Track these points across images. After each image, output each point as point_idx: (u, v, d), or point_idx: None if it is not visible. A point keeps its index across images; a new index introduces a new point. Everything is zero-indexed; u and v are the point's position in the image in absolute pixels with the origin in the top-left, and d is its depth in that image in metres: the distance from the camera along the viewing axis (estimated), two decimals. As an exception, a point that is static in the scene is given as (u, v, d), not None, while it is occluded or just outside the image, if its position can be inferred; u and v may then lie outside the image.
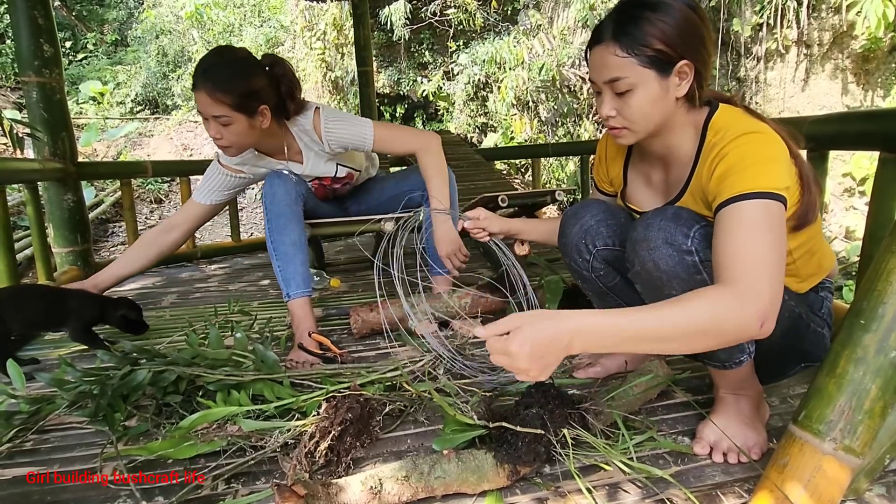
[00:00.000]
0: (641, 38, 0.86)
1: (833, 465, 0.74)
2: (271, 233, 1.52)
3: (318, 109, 1.55)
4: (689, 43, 0.88)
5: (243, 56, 1.44)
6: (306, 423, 1.00)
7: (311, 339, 1.44)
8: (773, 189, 0.79)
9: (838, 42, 5.20)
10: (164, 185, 6.55)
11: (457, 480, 0.85)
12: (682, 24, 0.87)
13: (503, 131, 6.75)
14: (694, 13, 0.88)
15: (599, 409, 0.99)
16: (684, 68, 0.88)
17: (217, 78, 1.35)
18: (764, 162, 0.82)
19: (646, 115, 0.91)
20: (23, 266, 4.03)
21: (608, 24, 0.90)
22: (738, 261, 0.76)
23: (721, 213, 0.81)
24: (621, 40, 0.87)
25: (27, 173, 2.09)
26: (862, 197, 4.83)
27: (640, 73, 0.88)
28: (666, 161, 1.01)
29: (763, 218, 0.78)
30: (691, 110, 0.94)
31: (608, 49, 0.89)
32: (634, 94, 0.89)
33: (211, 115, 1.38)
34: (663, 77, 0.88)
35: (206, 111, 1.38)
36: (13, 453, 1.05)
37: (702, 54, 0.90)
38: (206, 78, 1.35)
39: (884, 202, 1.27)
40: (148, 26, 8.75)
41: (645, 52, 0.87)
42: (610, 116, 0.93)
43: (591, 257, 1.10)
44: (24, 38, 2.16)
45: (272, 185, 1.54)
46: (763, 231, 0.77)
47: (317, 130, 1.55)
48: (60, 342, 1.70)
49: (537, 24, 6.47)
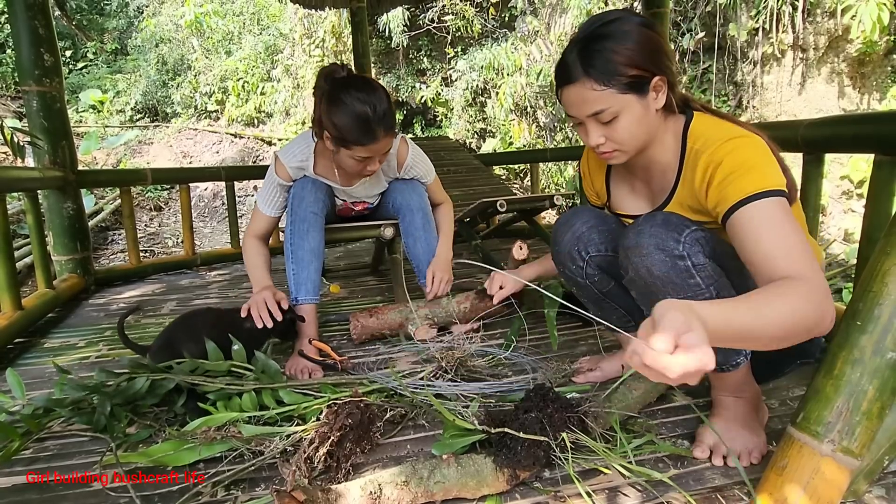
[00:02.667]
0: (613, 68, 0.88)
1: (832, 466, 0.74)
2: (292, 235, 1.54)
3: (403, 138, 1.65)
4: (656, 60, 0.90)
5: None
6: (306, 428, 1.00)
7: (311, 346, 1.44)
8: (777, 186, 0.81)
9: (834, 46, 5.24)
10: (164, 193, 6.56)
11: (456, 485, 0.85)
12: (645, 43, 0.89)
13: (502, 136, 6.78)
14: (649, 30, 0.91)
15: (598, 411, 0.99)
16: (658, 83, 0.91)
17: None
18: (762, 164, 0.84)
19: (634, 136, 0.93)
20: (22, 274, 4.03)
21: (573, 61, 0.91)
22: (791, 256, 0.76)
23: (737, 216, 0.82)
24: (594, 75, 0.89)
25: (27, 181, 2.10)
26: (860, 199, 4.84)
27: (621, 100, 0.90)
28: (647, 170, 1.03)
29: (783, 214, 0.79)
30: (669, 118, 0.97)
31: (583, 86, 0.90)
32: (620, 120, 0.91)
33: (383, 153, 1.44)
34: (642, 97, 0.91)
35: (383, 150, 1.43)
36: (13, 461, 1.05)
37: (668, 66, 0.92)
38: (388, 123, 1.39)
39: (879, 204, 1.27)
40: (148, 35, 8.80)
41: (621, 81, 0.89)
42: (599, 143, 0.95)
43: (584, 264, 1.11)
44: (24, 47, 2.18)
45: (303, 187, 1.56)
46: (789, 225, 0.78)
47: (399, 156, 1.63)
48: (59, 351, 1.70)
49: (535, 30, 6.50)
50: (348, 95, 1.35)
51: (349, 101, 1.34)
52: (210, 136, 7.83)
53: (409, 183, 1.71)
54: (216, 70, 8.12)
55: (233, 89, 7.90)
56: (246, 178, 4.69)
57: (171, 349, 1.25)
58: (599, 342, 1.48)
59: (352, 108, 1.34)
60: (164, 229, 6.02)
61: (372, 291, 2.25)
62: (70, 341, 1.79)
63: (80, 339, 1.82)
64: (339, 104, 1.35)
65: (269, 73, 7.96)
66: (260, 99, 7.78)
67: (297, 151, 1.57)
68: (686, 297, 0.87)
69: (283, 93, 7.60)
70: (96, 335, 1.84)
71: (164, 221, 6.24)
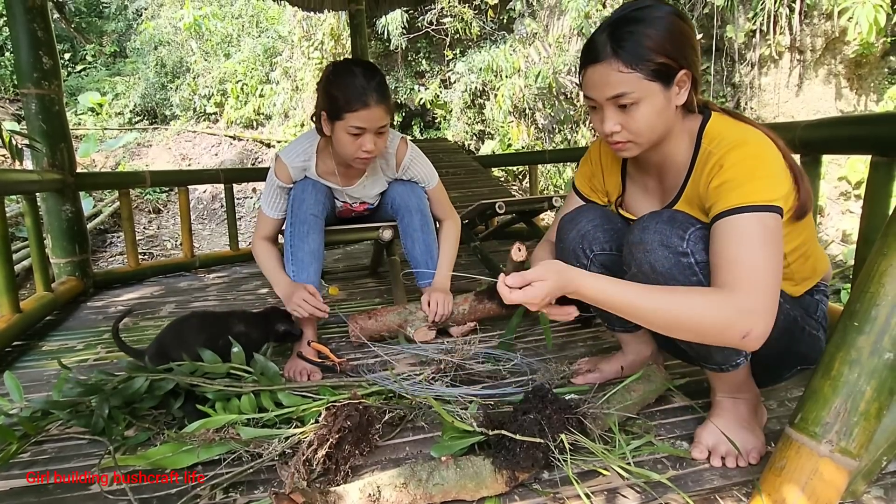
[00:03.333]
0: (643, 52, 0.87)
1: (830, 467, 0.74)
2: (292, 237, 1.55)
3: (403, 138, 1.67)
4: (685, 52, 0.89)
5: None
6: (305, 430, 1.00)
7: (310, 348, 1.44)
8: (769, 201, 0.81)
9: (831, 48, 5.25)
10: (163, 195, 6.56)
11: (455, 487, 0.85)
12: (676, 34, 0.89)
13: (500, 138, 6.78)
14: (682, 21, 0.90)
15: (597, 413, 0.99)
16: (683, 77, 0.90)
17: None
18: (761, 176, 0.83)
19: (651, 128, 0.92)
20: (21, 277, 4.02)
21: (603, 41, 0.90)
22: (735, 271, 0.79)
23: (718, 224, 0.84)
24: (623, 56, 0.88)
25: (26, 184, 2.10)
26: (857, 200, 4.85)
27: (645, 86, 0.88)
28: (661, 168, 1.02)
29: (759, 232, 0.80)
30: (686, 117, 0.96)
31: (610, 66, 0.89)
32: (640, 107, 0.90)
33: (378, 127, 1.42)
34: (666, 88, 0.90)
35: (378, 123, 1.42)
36: (10, 464, 1.05)
37: (695, 61, 0.92)
38: (380, 91, 1.40)
39: (876, 205, 1.28)
40: (146, 37, 8.80)
41: (648, 67, 0.88)
42: (614, 132, 0.93)
43: (588, 262, 1.11)
44: (23, 50, 2.18)
45: (303, 190, 1.57)
46: (758, 245, 0.80)
47: (398, 155, 1.64)
48: (57, 354, 1.70)
49: (533, 33, 6.52)
50: (343, 68, 1.43)
51: (343, 71, 1.41)
52: (209, 139, 7.82)
53: (407, 184, 1.71)
54: (215, 72, 8.13)
55: (232, 92, 7.90)
56: (245, 180, 4.69)
57: (165, 355, 1.25)
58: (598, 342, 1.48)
59: (344, 76, 1.40)
60: (162, 232, 6.01)
61: (371, 293, 2.25)
62: (68, 344, 1.79)
63: (78, 341, 1.81)
64: (334, 75, 1.42)
65: (267, 76, 7.97)
66: (259, 101, 7.78)
67: (300, 150, 1.58)
68: None
69: (281, 95, 7.60)
70: (95, 338, 1.84)
71: (163, 224, 6.24)
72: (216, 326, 1.32)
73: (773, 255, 0.80)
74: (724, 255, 0.81)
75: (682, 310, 0.80)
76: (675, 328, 0.82)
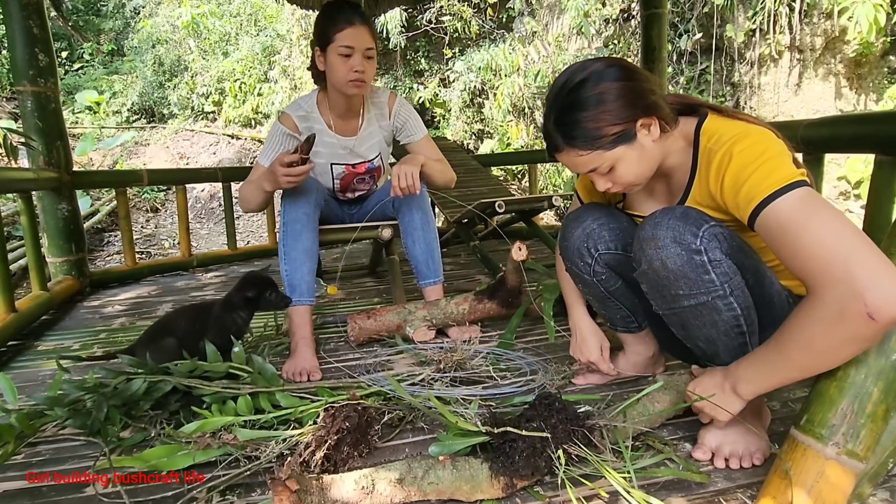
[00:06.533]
0: (593, 135, 0.88)
1: (836, 469, 0.73)
2: (285, 237, 1.54)
3: (392, 91, 1.79)
4: (636, 105, 0.88)
5: None
6: (303, 432, 0.99)
7: (289, 155, 1.39)
8: (796, 178, 0.78)
9: (831, 47, 5.25)
10: (161, 194, 6.53)
11: (450, 487, 0.84)
12: (619, 99, 0.88)
13: (499, 137, 6.77)
14: (624, 81, 0.88)
15: (610, 424, 0.95)
16: (644, 122, 0.90)
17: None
18: (775, 155, 0.81)
19: (639, 173, 0.94)
20: (17, 276, 4.00)
21: (554, 135, 0.92)
22: (809, 267, 0.73)
23: (760, 222, 0.79)
24: (577, 144, 0.90)
25: (22, 182, 2.08)
26: (857, 200, 4.85)
27: (610, 155, 0.90)
28: (664, 173, 1.01)
29: (804, 207, 0.75)
30: (675, 128, 0.95)
31: (570, 154, 0.92)
32: (617, 168, 0.92)
33: (365, 48, 1.53)
34: (632, 143, 0.90)
35: (364, 44, 1.52)
36: (4, 466, 1.03)
37: (650, 101, 0.90)
38: (362, 16, 1.53)
39: (880, 204, 1.27)
40: (144, 36, 8.77)
41: (605, 142, 0.89)
42: (609, 189, 0.97)
43: (592, 261, 1.10)
44: (19, 47, 2.16)
45: (297, 189, 1.55)
46: (812, 219, 0.74)
47: (389, 103, 1.73)
48: (53, 353, 1.69)
49: (532, 31, 6.51)
50: (328, 4, 1.56)
51: (328, 6, 1.56)
52: (207, 138, 7.80)
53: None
54: (213, 71, 8.10)
55: (230, 90, 7.88)
56: (243, 179, 4.65)
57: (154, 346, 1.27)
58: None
59: (329, 9, 1.54)
60: (160, 231, 5.99)
61: (370, 293, 2.24)
62: (64, 344, 1.78)
63: (74, 341, 1.80)
64: (321, 12, 1.56)
65: (266, 75, 7.94)
66: (257, 100, 7.76)
67: (301, 102, 1.69)
68: (698, 292, 0.86)
69: (280, 94, 7.57)
70: (91, 337, 1.82)
71: (161, 223, 6.22)
72: (200, 317, 1.34)
73: (831, 217, 0.73)
74: (791, 252, 0.75)
75: (807, 346, 0.74)
76: (819, 364, 0.75)
